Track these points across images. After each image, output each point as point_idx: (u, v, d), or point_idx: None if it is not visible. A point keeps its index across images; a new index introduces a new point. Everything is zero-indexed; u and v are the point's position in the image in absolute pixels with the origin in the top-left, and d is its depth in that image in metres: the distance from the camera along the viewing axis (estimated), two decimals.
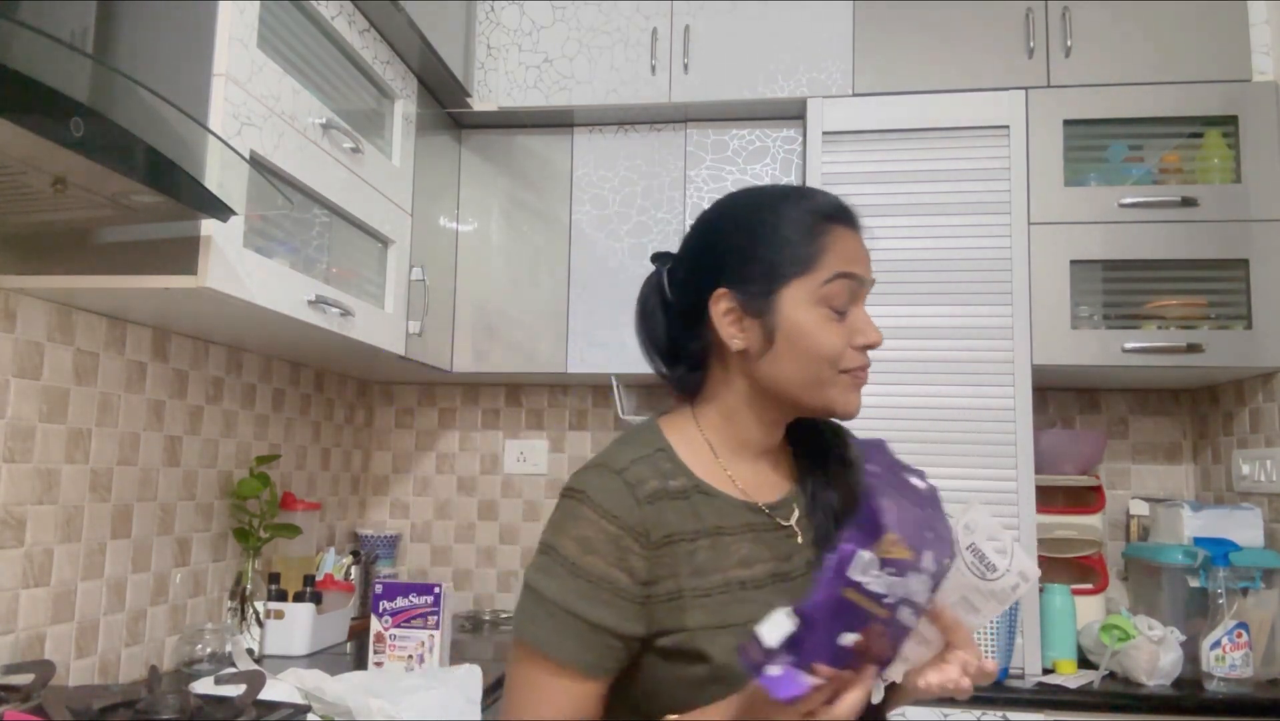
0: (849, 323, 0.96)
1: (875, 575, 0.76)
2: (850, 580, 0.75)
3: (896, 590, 0.77)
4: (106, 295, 1.56)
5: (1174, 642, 1.97)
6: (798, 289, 0.95)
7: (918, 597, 0.80)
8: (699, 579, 0.91)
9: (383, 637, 1.88)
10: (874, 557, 0.76)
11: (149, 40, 1.45)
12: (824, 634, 0.75)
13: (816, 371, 0.95)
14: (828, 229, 0.97)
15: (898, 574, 0.76)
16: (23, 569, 1.53)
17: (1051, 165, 2.21)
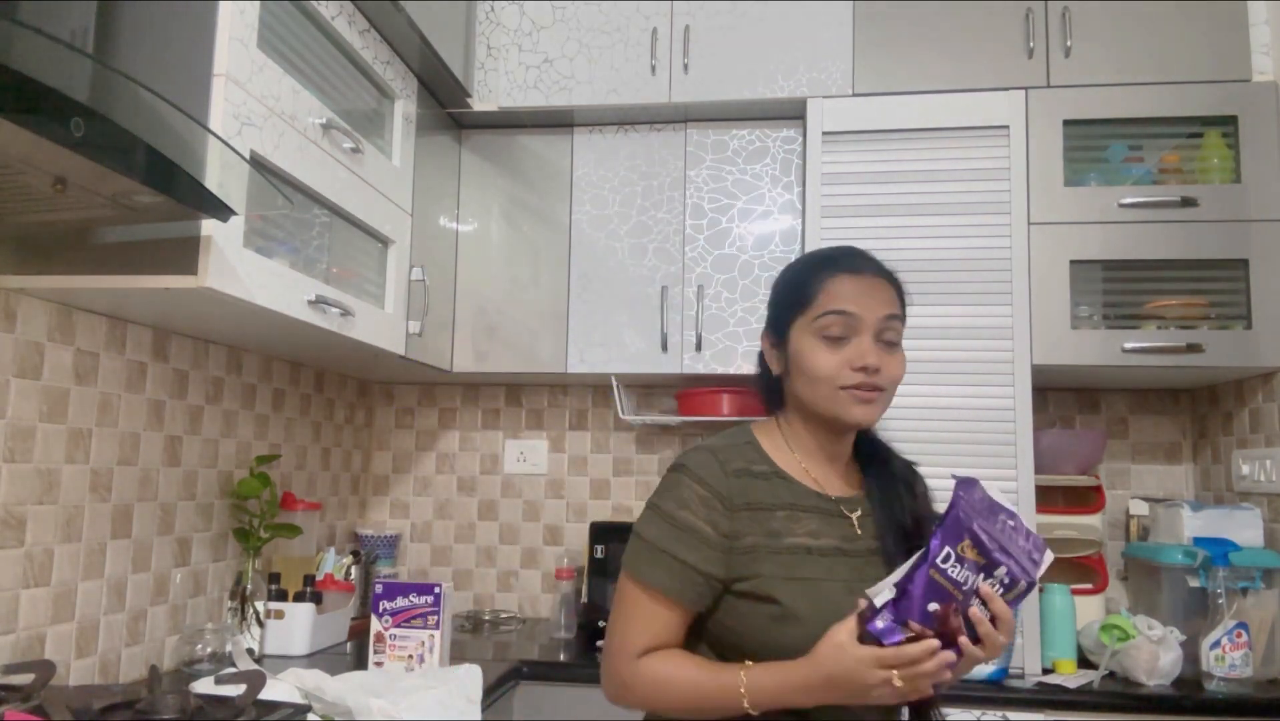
0: (850, 349, 1.19)
1: (954, 566, 1.04)
2: (938, 565, 1.04)
3: (970, 583, 1.04)
4: (106, 295, 1.56)
5: (1174, 642, 1.98)
6: (800, 324, 1.23)
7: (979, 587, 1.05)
8: (774, 540, 1.16)
9: (383, 637, 1.88)
10: (953, 553, 1.04)
11: (149, 40, 1.45)
12: (918, 602, 1.04)
13: (819, 388, 1.20)
14: (824, 275, 1.23)
15: (972, 571, 1.04)
16: (23, 569, 1.53)
17: (1051, 165, 2.21)
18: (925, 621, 1.03)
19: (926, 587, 1.04)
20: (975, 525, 1.05)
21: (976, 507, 1.08)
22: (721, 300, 2.41)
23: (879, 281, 1.23)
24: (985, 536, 1.05)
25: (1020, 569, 1.07)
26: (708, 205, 2.44)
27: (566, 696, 2.06)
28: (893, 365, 1.21)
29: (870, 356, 1.18)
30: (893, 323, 1.21)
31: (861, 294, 1.20)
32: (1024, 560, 1.08)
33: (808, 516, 1.19)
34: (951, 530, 1.05)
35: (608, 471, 2.78)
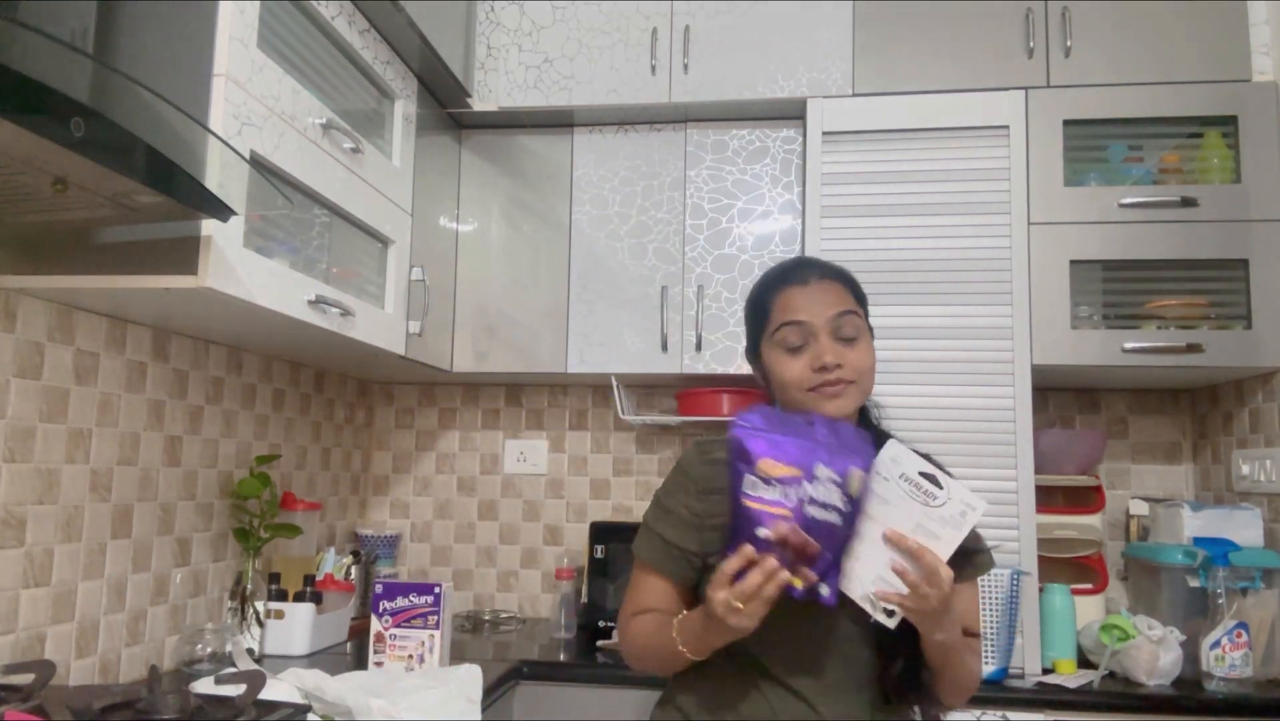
0: (809, 353, 1.28)
1: (762, 487, 1.10)
2: (745, 493, 1.11)
3: (791, 496, 1.10)
4: (107, 295, 1.56)
5: (1174, 642, 1.98)
6: (765, 340, 1.34)
7: (827, 498, 1.11)
8: None
9: (383, 637, 1.88)
10: (754, 479, 1.11)
11: (149, 40, 1.45)
12: (746, 534, 1.11)
13: (790, 394, 1.29)
14: (774, 292, 1.35)
15: (786, 484, 1.10)
16: (23, 569, 1.53)
17: (1051, 165, 2.21)
18: (765, 549, 1.09)
19: (743, 519, 1.10)
20: (756, 443, 1.10)
21: (759, 426, 1.13)
22: (721, 300, 2.41)
23: (825, 284, 1.32)
24: (778, 450, 1.10)
25: (846, 461, 1.11)
26: (708, 205, 2.44)
27: (566, 696, 2.06)
28: (855, 356, 1.28)
29: (827, 355, 1.26)
30: (847, 319, 1.29)
31: (810, 301, 1.30)
32: (845, 454, 1.12)
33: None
34: (740, 457, 1.11)
35: (608, 471, 2.78)
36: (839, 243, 2.22)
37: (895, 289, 2.20)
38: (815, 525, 1.09)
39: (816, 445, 1.12)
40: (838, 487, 1.10)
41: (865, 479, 1.12)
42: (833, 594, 1.11)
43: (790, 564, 1.09)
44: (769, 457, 1.10)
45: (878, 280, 2.18)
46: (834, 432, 1.16)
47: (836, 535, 1.10)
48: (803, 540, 1.08)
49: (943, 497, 1.13)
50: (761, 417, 1.15)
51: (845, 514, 1.11)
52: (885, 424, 1.41)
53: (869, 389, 1.32)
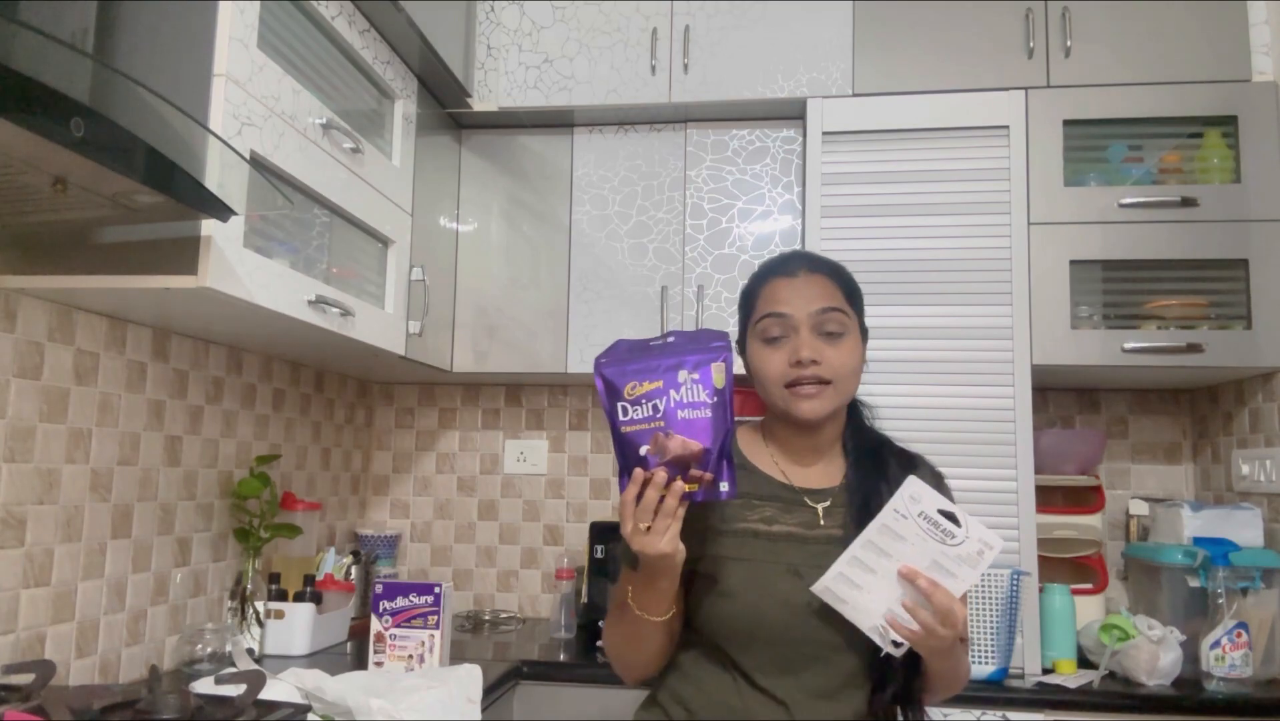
0: (788, 347, 1.25)
1: (632, 409, 1.14)
2: (620, 422, 1.14)
3: (659, 407, 1.13)
4: (106, 295, 1.56)
5: (1174, 642, 1.98)
6: (750, 333, 1.31)
7: (694, 398, 1.13)
8: (725, 523, 1.26)
9: (383, 637, 1.88)
10: (624, 405, 1.14)
11: (149, 40, 1.45)
12: (633, 460, 1.14)
13: (768, 389, 1.28)
14: (761, 283, 1.32)
15: (652, 398, 1.13)
16: (23, 569, 1.53)
17: (1051, 165, 2.21)
18: (649, 466, 1.12)
19: (626, 447, 1.13)
20: (616, 374, 1.15)
21: (619, 359, 1.16)
22: (721, 300, 2.41)
23: (814, 278, 1.28)
24: (640, 373, 1.14)
25: (703, 359, 1.15)
26: (708, 205, 2.44)
27: (566, 696, 2.06)
28: (836, 355, 1.24)
29: (803, 350, 1.23)
30: (831, 315, 1.25)
31: (794, 294, 1.27)
32: (702, 353, 1.15)
33: (764, 504, 1.27)
34: (608, 394, 1.15)
35: (608, 471, 2.78)
36: (839, 243, 2.22)
37: (895, 289, 2.20)
38: (689, 425, 1.12)
39: (674, 356, 1.15)
40: (702, 386, 1.13)
41: (727, 367, 1.14)
42: (731, 487, 1.13)
43: (683, 472, 1.11)
44: (633, 381, 1.14)
45: (878, 280, 2.18)
46: (691, 339, 1.18)
47: (714, 427, 1.12)
48: (681, 442, 1.11)
49: (961, 536, 1.12)
50: (619, 351, 1.18)
51: (715, 404, 1.13)
52: (879, 425, 1.38)
53: (849, 391, 1.29)
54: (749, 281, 1.36)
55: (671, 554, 1.11)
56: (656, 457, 1.11)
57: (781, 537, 1.25)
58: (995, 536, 1.12)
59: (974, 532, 1.12)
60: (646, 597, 1.19)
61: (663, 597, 1.19)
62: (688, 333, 1.20)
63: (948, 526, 1.13)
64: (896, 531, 1.14)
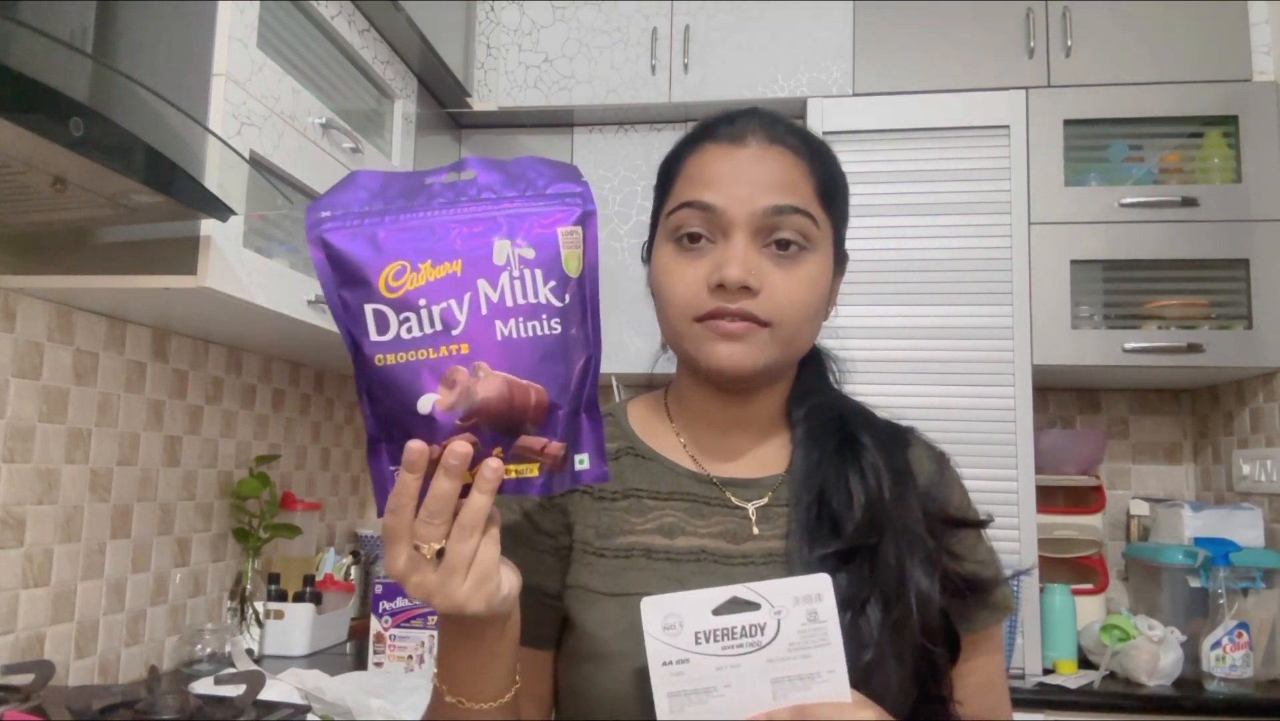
0: (711, 259, 0.79)
1: (404, 319, 0.60)
2: (371, 345, 0.62)
3: (457, 315, 0.60)
4: (106, 295, 1.55)
5: (1174, 643, 1.97)
6: (659, 228, 0.85)
7: (525, 295, 0.61)
8: (601, 539, 0.81)
9: (382, 637, 1.88)
10: (382, 309, 0.61)
11: (149, 40, 1.45)
12: (400, 418, 0.61)
13: (672, 322, 0.82)
14: (690, 150, 0.84)
15: (440, 295, 0.60)
16: (22, 569, 1.53)
17: (1052, 165, 2.21)
18: (442, 433, 0.61)
19: (382, 391, 0.62)
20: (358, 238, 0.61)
21: (366, 201, 0.63)
22: None
23: (771, 154, 0.81)
24: (410, 237, 0.61)
25: (535, 210, 0.62)
26: None
27: None
28: (785, 283, 0.78)
29: (731, 266, 0.76)
30: (789, 218, 0.79)
31: (735, 174, 0.80)
32: (533, 197, 0.63)
33: (665, 506, 0.81)
34: (341, 277, 0.63)
35: None
36: None
37: (895, 289, 2.19)
38: (514, 351, 0.61)
39: (484, 209, 0.62)
40: (541, 273, 0.61)
41: (588, 236, 0.63)
42: (597, 465, 0.64)
43: (505, 442, 0.61)
44: (399, 260, 0.60)
45: (878, 280, 2.18)
46: (511, 175, 0.64)
47: (563, 352, 0.62)
48: (501, 384, 0.60)
49: (768, 618, 0.67)
50: (366, 190, 0.63)
51: (566, 309, 0.62)
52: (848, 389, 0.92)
53: (799, 341, 0.82)
54: (673, 148, 0.87)
55: (482, 609, 0.63)
56: (452, 415, 0.60)
57: (689, 556, 0.79)
58: (808, 579, 0.68)
59: (778, 597, 0.68)
60: (460, 671, 0.70)
61: (488, 670, 0.69)
62: (504, 162, 0.64)
63: (744, 622, 0.67)
64: (689, 686, 0.67)
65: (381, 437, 0.62)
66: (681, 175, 0.83)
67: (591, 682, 0.77)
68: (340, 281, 0.62)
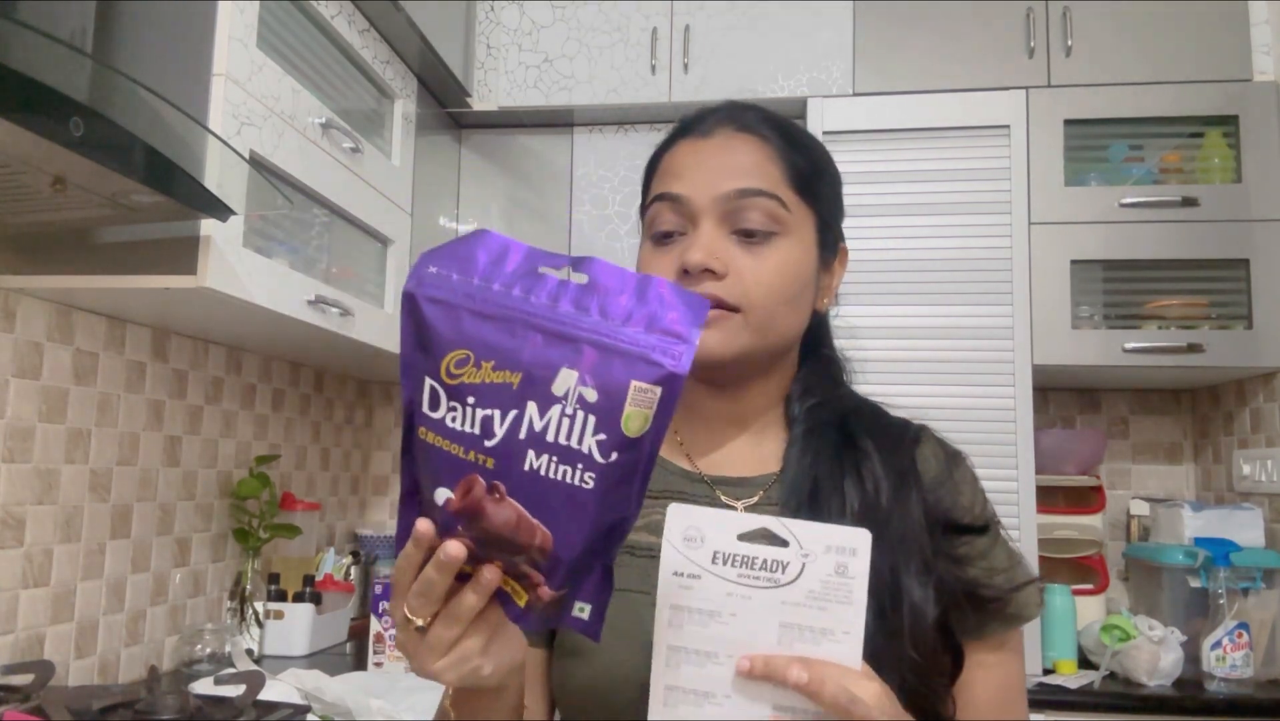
0: (680, 249, 0.80)
1: (449, 407, 0.57)
2: (422, 414, 0.58)
3: (494, 427, 0.56)
4: (106, 295, 1.55)
5: (1174, 643, 1.97)
6: (644, 225, 0.86)
7: (568, 436, 0.56)
8: None
9: (382, 638, 1.88)
10: (435, 386, 0.58)
11: (149, 40, 1.45)
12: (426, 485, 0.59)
13: None
14: (665, 149, 0.86)
15: (491, 400, 0.56)
16: (22, 569, 1.53)
17: (1052, 165, 2.21)
18: (447, 529, 0.58)
19: (419, 457, 0.59)
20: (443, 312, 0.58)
21: (459, 274, 0.59)
22: None
23: (735, 141, 0.82)
24: (485, 330, 0.57)
25: (613, 354, 0.57)
26: None
27: None
28: (752, 266, 0.78)
29: (693, 250, 0.77)
30: (752, 201, 0.79)
31: (700, 164, 0.81)
32: (628, 342, 0.57)
33: (653, 504, 0.78)
34: (417, 338, 0.59)
35: None
36: None
37: (895, 289, 2.19)
38: (540, 492, 0.57)
39: (571, 318, 0.58)
40: (594, 420, 0.56)
41: (663, 400, 0.57)
42: (595, 620, 0.61)
43: (506, 560, 0.59)
44: (464, 346, 0.57)
45: (878, 280, 2.18)
46: (624, 288, 0.59)
47: (594, 513, 0.58)
48: (513, 518, 0.57)
49: (793, 556, 0.64)
50: (477, 252, 0.60)
51: (607, 469, 0.57)
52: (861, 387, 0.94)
53: (774, 328, 0.81)
54: (654, 150, 0.89)
55: (454, 683, 0.63)
56: (461, 520, 0.58)
57: None
58: (848, 530, 0.64)
59: (810, 540, 0.64)
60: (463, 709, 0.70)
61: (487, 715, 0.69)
62: (630, 275, 0.59)
63: (767, 555, 0.64)
64: (694, 604, 0.65)
65: (414, 492, 0.62)
66: (657, 173, 0.86)
67: (571, 677, 0.78)
68: (415, 342, 0.59)
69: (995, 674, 0.81)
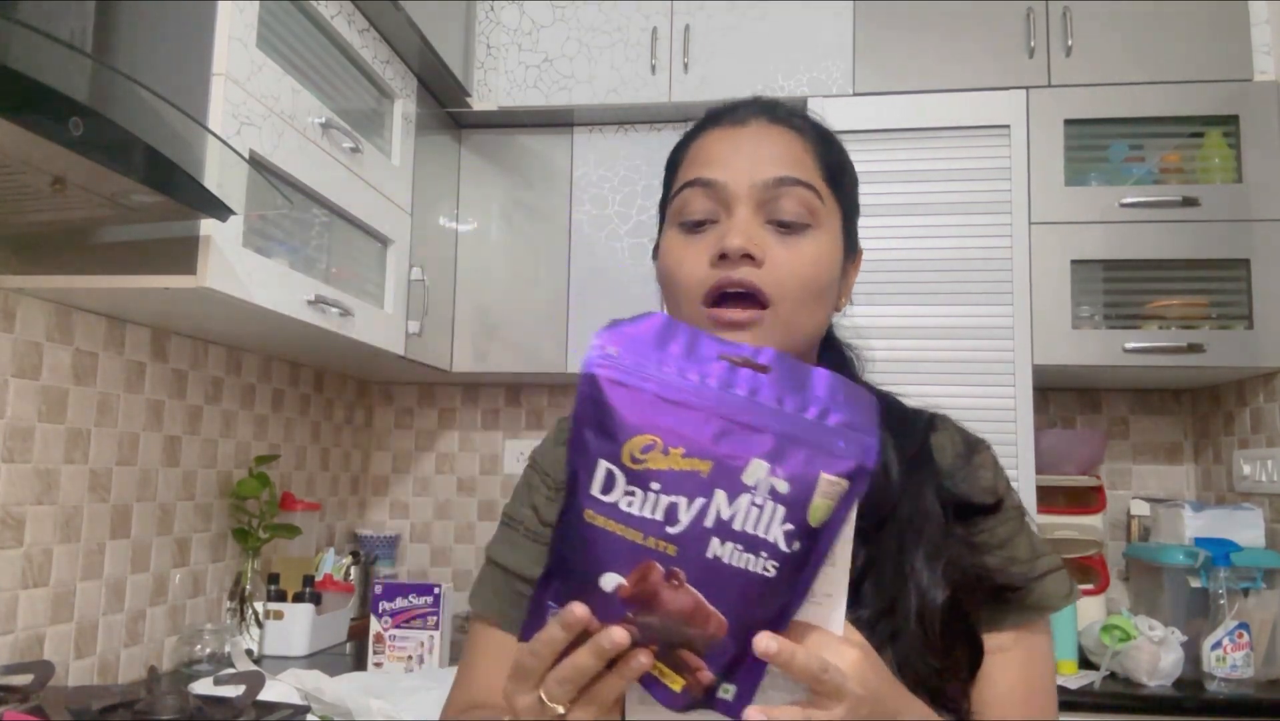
0: (714, 235, 0.78)
1: (625, 492, 0.56)
2: (590, 498, 0.57)
3: (681, 515, 0.56)
4: (106, 295, 1.55)
5: (1175, 643, 1.97)
6: (667, 215, 0.84)
7: (756, 527, 0.56)
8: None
9: (382, 638, 1.88)
10: (613, 469, 0.56)
11: (149, 40, 1.45)
12: (578, 576, 0.57)
13: (681, 305, 0.79)
14: (693, 138, 0.85)
15: (677, 488, 0.56)
16: (22, 569, 1.53)
17: (1052, 165, 2.21)
18: (611, 613, 0.57)
19: (578, 545, 0.58)
20: (625, 394, 0.57)
21: (640, 353, 0.58)
22: None
23: (772, 132, 0.81)
24: (672, 413, 0.57)
25: (803, 445, 0.57)
26: None
27: None
28: (787, 257, 0.77)
29: (733, 235, 0.75)
30: (791, 190, 0.78)
31: (737, 150, 0.80)
32: (816, 435, 0.57)
33: None
34: (592, 418, 0.57)
35: None
36: None
37: (895, 289, 2.19)
38: (719, 581, 0.57)
39: (756, 408, 0.58)
40: (781, 510, 0.56)
41: (846, 494, 0.57)
42: (742, 700, 0.59)
43: (665, 645, 0.58)
44: (650, 431, 0.56)
45: (878, 280, 2.17)
46: (796, 379, 0.59)
47: (764, 602, 0.57)
48: (691, 605, 0.56)
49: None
50: (650, 334, 0.60)
51: (791, 558, 0.57)
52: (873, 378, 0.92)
53: (805, 322, 0.79)
54: (679, 140, 0.88)
55: None
56: (631, 607, 0.57)
57: None
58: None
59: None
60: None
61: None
62: (800, 366, 0.60)
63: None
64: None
65: (556, 574, 0.60)
66: (685, 161, 0.83)
67: None
68: (590, 422, 0.58)
69: (1014, 667, 0.78)
